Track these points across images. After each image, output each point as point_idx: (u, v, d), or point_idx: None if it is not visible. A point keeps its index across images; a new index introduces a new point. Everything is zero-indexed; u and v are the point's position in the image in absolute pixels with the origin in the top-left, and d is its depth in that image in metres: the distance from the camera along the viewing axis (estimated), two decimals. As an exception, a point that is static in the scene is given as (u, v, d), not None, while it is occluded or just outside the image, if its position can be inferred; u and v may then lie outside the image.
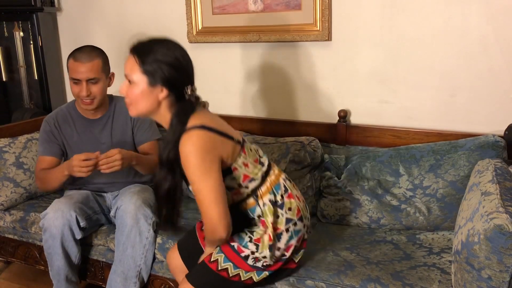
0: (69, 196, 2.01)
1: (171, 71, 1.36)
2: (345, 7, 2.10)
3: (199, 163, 1.32)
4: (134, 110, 1.42)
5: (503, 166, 1.63)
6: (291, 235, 1.49)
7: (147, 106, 1.39)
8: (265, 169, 1.49)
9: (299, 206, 1.51)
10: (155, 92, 1.37)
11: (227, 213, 1.37)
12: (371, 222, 1.93)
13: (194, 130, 1.34)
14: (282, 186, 1.50)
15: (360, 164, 2.00)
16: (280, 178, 1.51)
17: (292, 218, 1.48)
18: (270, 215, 1.46)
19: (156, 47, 1.38)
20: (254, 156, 1.48)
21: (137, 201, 1.87)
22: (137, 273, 1.87)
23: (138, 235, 1.84)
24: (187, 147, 1.32)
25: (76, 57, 1.93)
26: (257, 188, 1.47)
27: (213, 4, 2.37)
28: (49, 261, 1.93)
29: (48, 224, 1.86)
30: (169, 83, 1.37)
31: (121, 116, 2.08)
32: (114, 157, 1.78)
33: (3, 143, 2.26)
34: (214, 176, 1.34)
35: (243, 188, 1.45)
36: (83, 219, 1.89)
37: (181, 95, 1.39)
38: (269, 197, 1.47)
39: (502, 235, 1.21)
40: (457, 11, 1.91)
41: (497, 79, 1.90)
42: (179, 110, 1.38)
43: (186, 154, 1.32)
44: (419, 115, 2.07)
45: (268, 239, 1.45)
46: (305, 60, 2.23)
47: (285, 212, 1.48)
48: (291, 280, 1.63)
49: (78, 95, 1.95)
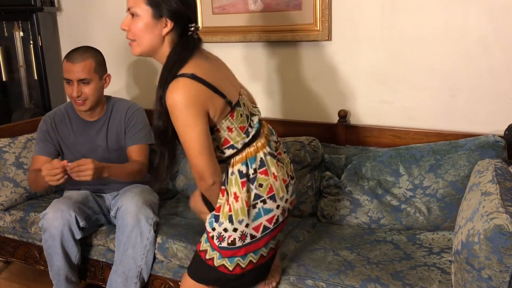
0: (68, 196, 2.01)
1: (178, 3, 1.30)
2: (345, 7, 2.10)
3: (184, 115, 1.27)
4: (137, 47, 1.36)
5: (503, 166, 1.63)
6: (258, 212, 1.40)
7: (150, 41, 1.34)
8: (247, 140, 1.40)
9: (273, 185, 1.40)
10: (160, 25, 1.32)
11: (214, 162, 1.34)
12: (371, 222, 1.93)
13: (183, 79, 1.28)
14: (259, 161, 1.40)
15: (360, 164, 2.00)
16: (260, 151, 1.41)
17: (261, 195, 1.39)
18: (235, 185, 1.38)
19: None
20: (242, 123, 1.39)
21: (138, 202, 1.87)
22: (137, 274, 1.87)
23: (139, 236, 1.84)
24: (173, 97, 1.27)
25: (69, 58, 1.93)
26: (232, 156, 1.40)
27: (213, 4, 2.37)
28: (48, 261, 1.93)
29: (48, 224, 1.85)
30: (175, 16, 1.31)
31: (117, 118, 2.08)
32: (86, 167, 1.73)
33: (3, 143, 2.26)
34: (200, 127, 1.29)
35: (219, 152, 1.40)
36: (82, 219, 1.89)
37: (185, 32, 1.34)
38: (239, 167, 1.39)
39: (502, 235, 1.21)
40: (457, 11, 1.91)
41: (497, 79, 1.90)
42: (180, 44, 1.33)
43: (171, 103, 1.27)
44: (419, 115, 2.07)
45: (228, 209, 1.38)
46: (305, 60, 2.23)
47: (255, 187, 1.39)
48: (291, 279, 1.63)
49: (70, 95, 1.96)
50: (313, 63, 2.22)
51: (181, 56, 1.32)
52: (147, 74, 2.69)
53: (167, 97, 1.28)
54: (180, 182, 2.35)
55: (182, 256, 1.84)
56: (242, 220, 1.38)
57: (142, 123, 2.10)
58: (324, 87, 2.23)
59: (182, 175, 2.34)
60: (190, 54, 1.33)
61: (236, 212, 1.38)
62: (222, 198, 1.41)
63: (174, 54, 1.33)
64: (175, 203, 2.25)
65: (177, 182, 2.37)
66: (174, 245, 1.86)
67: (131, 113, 2.09)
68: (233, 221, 1.38)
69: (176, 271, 1.89)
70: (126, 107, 2.10)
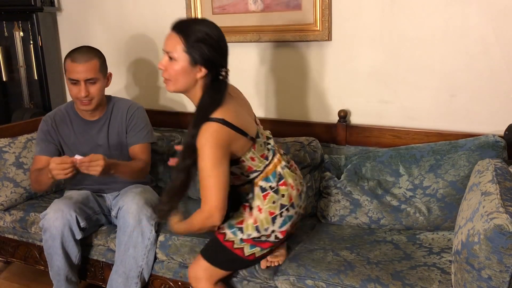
0: (68, 196, 2.01)
1: (213, 52, 1.43)
2: (345, 7, 2.10)
3: (212, 155, 1.42)
4: (172, 86, 1.50)
5: (503, 166, 1.63)
6: (284, 220, 1.58)
7: (185, 83, 1.48)
8: (267, 162, 1.58)
9: (292, 194, 1.58)
10: (195, 70, 1.45)
11: (225, 204, 1.47)
12: (371, 223, 1.93)
13: (215, 124, 1.43)
14: (277, 174, 1.58)
15: (360, 164, 1.99)
16: (278, 166, 1.59)
17: (285, 204, 1.57)
18: (258, 199, 1.57)
19: (198, 28, 1.43)
20: (262, 151, 1.57)
21: (140, 202, 1.87)
22: (138, 274, 1.87)
23: (140, 236, 1.85)
24: (204, 138, 1.42)
25: (73, 58, 1.92)
26: (255, 177, 1.58)
27: (213, 4, 2.37)
28: (49, 261, 1.93)
29: (48, 224, 1.85)
30: (209, 64, 1.45)
31: (117, 118, 2.08)
32: (97, 163, 1.74)
33: (3, 143, 2.26)
34: (222, 168, 1.44)
35: (244, 176, 1.58)
36: (83, 219, 1.89)
37: (216, 76, 1.48)
38: (261, 184, 1.57)
39: (502, 235, 1.21)
40: (457, 11, 1.91)
41: (497, 79, 1.90)
42: (213, 88, 1.47)
43: (202, 144, 1.42)
44: (419, 115, 2.07)
45: (253, 221, 1.56)
46: (305, 60, 2.23)
47: (279, 198, 1.57)
48: (291, 279, 1.63)
49: (76, 96, 1.95)
50: (313, 63, 2.22)
51: (214, 100, 1.46)
52: (147, 74, 2.69)
53: (199, 137, 1.43)
54: (180, 182, 2.35)
55: (186, 250, 1.84)
56: (267, 228, 1.56)
57: (144, 122, 2.10)
58: (324, 87, 2.23)
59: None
60: (222, 98, 1.48)
61: (262, 222, 1.56)
62: (244, 213, 1.58)
63: (207, 97, 1.47)
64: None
65: (177, 182, 2.37)
66: (178, 241, 1.86)
67: (132, 112, 2.09)
68: (260, 230, 1.56)
69: (177, 271, 1.89)
70: (126, 106, 2.10)
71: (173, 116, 2.62)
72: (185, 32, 1.43)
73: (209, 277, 1.62)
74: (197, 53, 1.42)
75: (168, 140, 2.42)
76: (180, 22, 1.46)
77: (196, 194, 2.31)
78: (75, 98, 1.98)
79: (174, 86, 1.50)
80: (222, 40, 1.47)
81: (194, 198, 2.22)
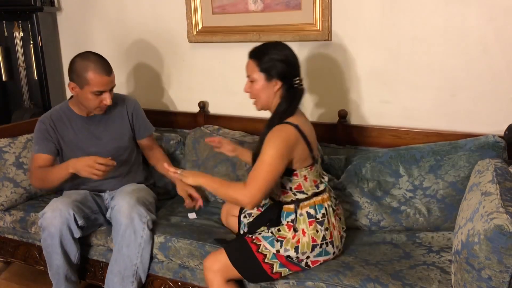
0: (67, 195, 2.02)
1: (283, 66, 1.61)
2: (345, 7, 2.10)
3: (275, 151, 1.53)
4: (258, 104, 1.69)
5: (503, 166, 1.63)
6: (322, 251, 1.63)
7: (266, 99, 1.65)
8: (317, 191, 1.66)
9: (333, 233, 1.66)
10: (271, 85, 1.63)
11: (262, 197, 1.55)
12: (371, 225, 1.92)
13: (289, 125, 1.57)
14: (324, 209, 1.65)
15: (360, 165, 1.99)
16: (325, 202, 1.67)
17: (326, 238, 1.64)
18: (303, 223, 1.62)
19: (269, 49, 1.64)
20: (316, 177, 1.67)
21: (131, 200, 1.89)
22: (133, 272, 1.88)
23: (132, 234, 1.85)
24: (275, 133, 1.55)
25: (98, 70, 1.90)
26: (302, 200, 1.64)
27: (213, 4, 2.37)
28: (48, 260, 1.93)
29: (47, 223, 1.86)
30: (282, 76, 1.61)
31: (115, 110, 2.12)
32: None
33: (3, 143, 2.26)
34: (279, 167, 1.54)
35: (291, 193, 1.64)
36: (81, 218, 1.90)
37: (291, 86, 1.63)
38: (307, 210, 1.63)
39: (502, 235, 1.20)
40: (457, 11, 1.90)
41: (497, 79, 1.90)
42: (289, 96, 1.63)
43: (270, 138, 1.55)
44: (419, 115, 2.07)
45: (296, 241, 1.60)
46: (305, 60, 2.23)
47: (323, 230, 1.63)
48: (291, 282, 1.63)
49: (100, 105, 1.97)
50: (313, 63, 2.22)
51: (290, 107, 1.62)
52: (147, 74, 2.69)
53: (270, 132, 1.56)
54: (180, 182, 2.36)
55: (185, 253, 1.84)
56: (305, 252, 1.61)
57: (143, 112, 2.24)
58: (324, 87, 2.23)
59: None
60: (297, 105, 1.64)
61: (303, 245, 1.61)
62: (288, 232, 1.62)
63: (284, 104, 1.63)
64: (176, 204, 2.25)
65: (177, 182, 2.37)
66: (178, 243, 1.86)
67: (132, 106, 2.19)
68: (298, 252, 1.61)
69: (176, 271, 1.89)
70: (122, 99, 2.18)
71: (172, 116, 2.63)
72: (258, 55, 1.64)
73: (223, 272, 1.63)
74: (270, 70, 1.61)
75: (167, 140, 2.42)
76: (254, 49, 1.67)
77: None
78: (95, 107, 1.98)
79: (260, 104, 1.68)
80: (290, 54, 1.63)
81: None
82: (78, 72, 1.91)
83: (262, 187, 1.52)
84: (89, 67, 1.90)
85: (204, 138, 2.13)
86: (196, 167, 2.30)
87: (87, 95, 1.94)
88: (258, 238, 1.65)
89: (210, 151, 2.28)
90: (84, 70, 1.89)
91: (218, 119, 2.48)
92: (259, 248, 1.62)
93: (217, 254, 1.66)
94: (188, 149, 2.38)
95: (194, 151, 2.34)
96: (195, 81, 2.56)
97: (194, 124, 2.53)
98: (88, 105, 1.98)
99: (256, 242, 1.64)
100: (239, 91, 2.41)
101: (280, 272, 1.62)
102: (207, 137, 1.98)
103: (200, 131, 2.40)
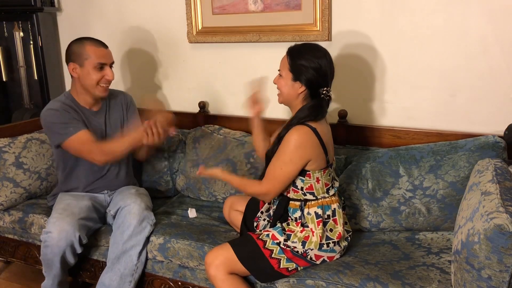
0: (70, 209, 1.93)
1: (314, 73, 1.61)
2: (345, 7, 2.10)
3: (291, 152, 1.58)
4: (280, 97, 1.72)
5: (503, 166, 1.63)
6: (327, 249, 1.65)
7: (288, 95, 1.68)
8: (327, 195, 1.69)
9: (341, 233, 1.67)
10: (296, 86, 1.65)
11: (277, 193, 1.66)
12: (371, 227, 1.92)
13: (307, 127, 1.60)
14: (331, 209, 1.68)
15: (359, 165, 1.99)
16: (334, 204, 1.69)
17: (331, 238, 1.66)
18: (312, 223, 1.64)
19: (306, 52, 1.63)
20: (328, 181, 1.69)
21: (142, 203, 1.93)
22: (133, 272, 1.89)
23: (139, 235, 1.88)
24: (293, 135, 1.59)
25: (98, 43, 1.99)
26: (310, 200, 1.67)
27: (213, 4, 2.37)
28: (45, 266, 1.95)
29: (51, 243, 1.85)
30: (308, 83, 1.63)
31: (114, 102, 2.16)
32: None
33: (3, 143, 2.26)
34: (293, 167, 1.60)
35: (301, 193, 1.67)
36: (85, 237, 1.92)
37: (316, 93, 1.65)
38: (315, 210, 1.65)
39: (502, 235, 1.20)
40: (457, 11, 1.91)
41: (497, 79, 1.90)
42: (314, 105, 1.65)
43: (288, 139, 1.59)
44: (419, 115, 2.07)
45: (304, 237, 1.63)
46: (305, 60, 2.23)
47: (327, 230, 1.65)
48: (291, 281, 1.63)
49: (100, 79, 1.97)
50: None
51: (311, 112, 1.63)
52: (147, 74, 2.69)
53: (289, 132, 1.60)
54: (180, 181, 2.35)
55: (184, 254, 1.84)
56: (312, 249, 1.64)
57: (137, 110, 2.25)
58: (324, 87, 2.23)
59: (182, 175, 2.35)
60: (319, 113, 1.64)
61: (310, 243, 1.63)
62: (297, 227, 1.66)
63: (305, 109, 1.64)
64: (176, 203, 2.25)
65: (177, 182, 2.37)
66: (177, 244, 1.86)
67: (128, 99, 2.22)
68: (305, 247, 1.63)
69: (176, 271, 1.89)
70: (119, 93, 2.22)
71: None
72: (292, 54, 1.65)
73: (226, 266, 1.63)
74: (298, 72, 1.62)
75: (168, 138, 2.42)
76: (292, 47, 1.67)
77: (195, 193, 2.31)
78: (96, 84, 1.96)
79: (282, 98, 1.71)
80: (325, 63, 1.63)
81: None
82: (76, 51, 1.96)
83: (277, 185, 1.62)
84: (86, 43, 1.97)
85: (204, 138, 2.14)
86: (196, 167, 2.30)
87: (88, 71, 1.95)
88: (266, 230, 1.69)
89: (210, 151, 2.29)
90: (82, 47, 1.96)
91: (218, 119, 2.48)
92: (265, 244, 1.64)
93: (218, 249, 1.67)
94: (188, 148, 2.38)
95: (195, 150, 2.35)
96: (195, 81, 2.56)
97: (194, 124, 2.53)
98: (91, 83, 1.95)
99: (262, 238, 1.65)
100: (239, 91, 2.43)
101: (287, 267, 1.63)
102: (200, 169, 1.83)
103: (201, 130, 2.40)
